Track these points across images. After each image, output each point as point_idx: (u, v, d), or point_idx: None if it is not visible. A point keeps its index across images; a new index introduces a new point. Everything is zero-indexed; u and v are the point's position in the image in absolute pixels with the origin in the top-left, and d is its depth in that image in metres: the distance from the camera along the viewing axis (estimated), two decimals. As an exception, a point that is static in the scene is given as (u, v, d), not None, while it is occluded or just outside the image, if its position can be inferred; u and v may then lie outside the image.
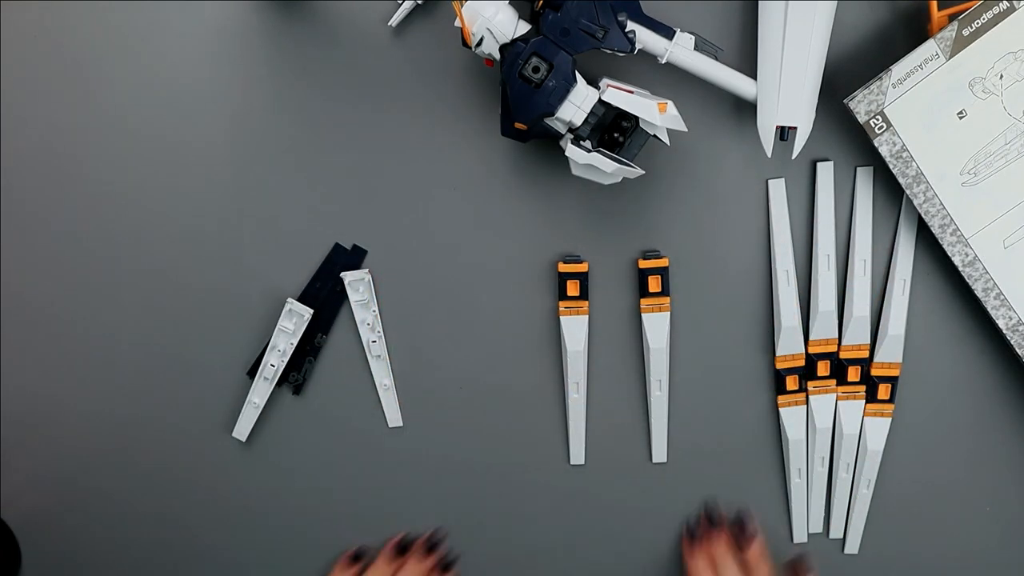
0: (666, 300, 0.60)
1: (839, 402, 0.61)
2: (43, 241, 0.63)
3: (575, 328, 0.61)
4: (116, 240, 0.62)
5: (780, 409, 0.62)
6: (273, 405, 0.63)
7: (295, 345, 0.61)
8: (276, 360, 0.61)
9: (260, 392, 0.62)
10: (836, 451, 0.62)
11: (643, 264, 0.60)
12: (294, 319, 0.61)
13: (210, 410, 0.64)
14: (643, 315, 0.61)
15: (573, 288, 0.60)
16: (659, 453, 0.63)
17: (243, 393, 0.63)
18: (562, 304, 0.61)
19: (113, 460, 0.65)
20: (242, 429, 0.63)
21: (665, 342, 0.61)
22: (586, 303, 0.60)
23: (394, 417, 0.63)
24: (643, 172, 0.54)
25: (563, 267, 0.60)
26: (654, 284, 0.60)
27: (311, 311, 0.60)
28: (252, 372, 0.63)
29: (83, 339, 0.64)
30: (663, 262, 0.60)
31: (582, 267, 0.60)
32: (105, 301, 0.63)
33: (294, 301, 0.61)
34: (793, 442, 0.62)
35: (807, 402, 0.61)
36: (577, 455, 0.63)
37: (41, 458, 0.66)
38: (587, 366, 0.62)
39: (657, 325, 0.61)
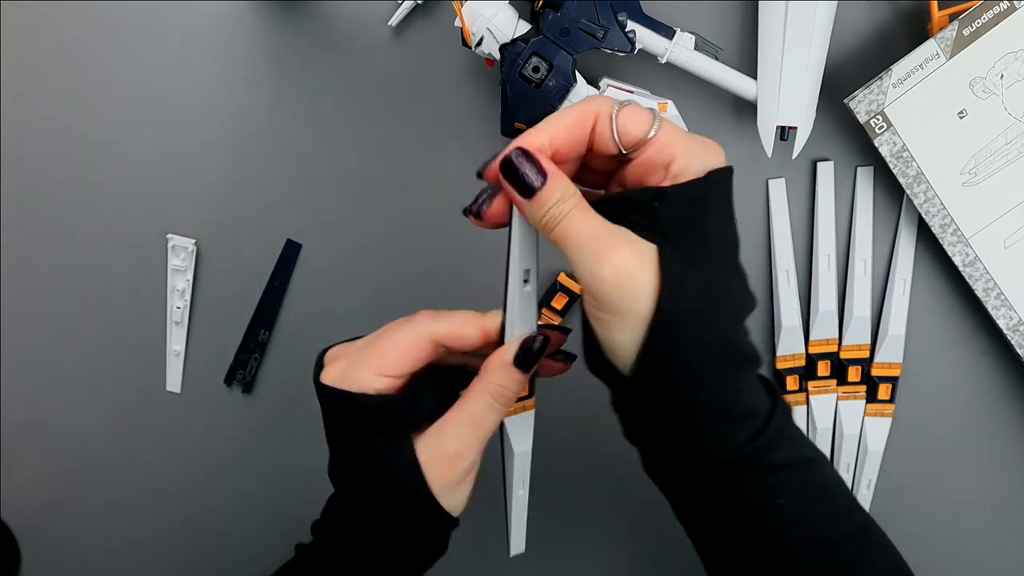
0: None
1: (839, 402, 0.61)
2: (43, 241, 0.63)
3: None
4: (115, 239, 0.62)
5: (780, 409, 0.61)
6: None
7: (191, 281, 0.61)
8: (180, 302, 0.61)
9: (177, 339, 0.62)
10: (836, 451, 0.62)
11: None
12: (181, 255, 0.61)
13: (206, 412, 0.64)
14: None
15: (559, 301, 0.60)
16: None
17: (231, 400, 0.64)
18: (544, 311, 0.61)
19: (112, 461, 0.65)
20: (173, 381, 0.63)
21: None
22: (560, 320, 0.61)
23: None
24: (643, 172, 0.54)
25: (563, 279, 0.60)
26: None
27: (194, 241, 0.60)
28: (228, 379, 0.63)
29: (83, 340, 0.64)
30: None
31: (578, 288, 0.59)
32: (105, 302, 0.63)
33: (174, 235, 0.61)
34: (793, 442, 0.62)
35: (807, 402, 0.61)
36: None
37: (41, 458, 0.66)
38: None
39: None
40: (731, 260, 0.38)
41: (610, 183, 0.41)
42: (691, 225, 0.37)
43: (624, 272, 0.35)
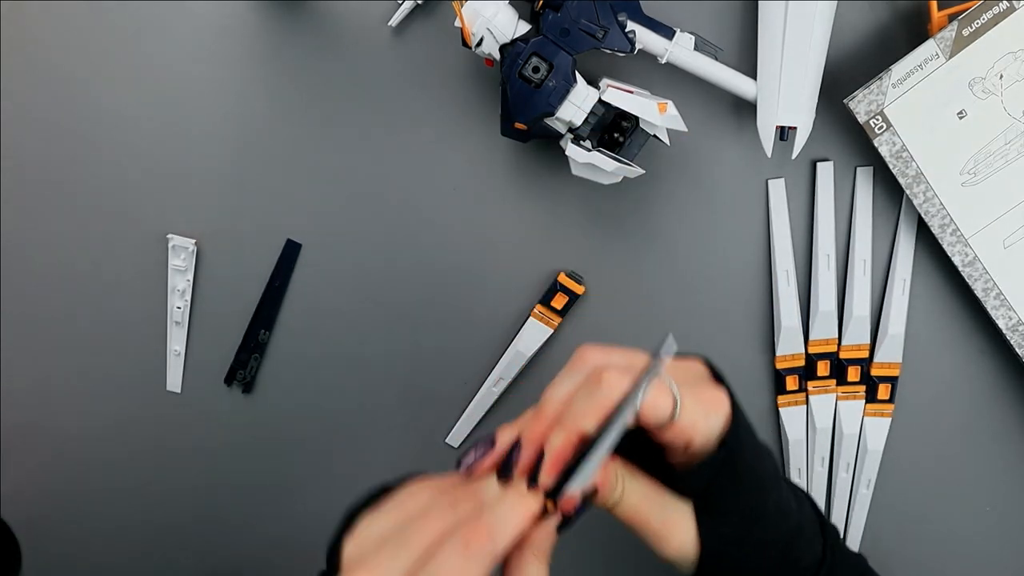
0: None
1: (839, 402, 0.61)
2: (43, 241, 0.63)
3: (535, 335, 0.61)
4: (115, 239, 0.62)
5: (780, 409, 0.62)
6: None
7: (191, 281, 0.61)
8: (180, 302, 0.61)
9: (177, 339, 0.62)
10: (836, 451, 0.62)
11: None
12: (181, 255, 0.61)
13: (206, 412, 0.64)
14: (643, 315, 0.60)
15: (559, 302, 0.60)
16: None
17: (231, 400, 0.64)
18: (539, 307, 0.61)
19: (113, 461, 0.65)
20: (173, 381, 0.63)
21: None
22: (559, 320, 0.61)
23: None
24: (643, 172, 0.54)
25: (563, 279, 0.60)
26: (654, 284, 0.60)
27: (194, 241, 0.60)
28: (228, 379, 0.63)
29: (83, 340, 0.64)
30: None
31: (578, 289, 0.60)
32: (105, 302, 0.63)
33: (174, 236, 0.61)
34: (793, 442, 0.62)
35: (807, 402, 0.61)
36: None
37: (41, 458, 0.66)
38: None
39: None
40: (759, 488, 0.45)
41: None
42: (716, 485, 0.43)
43: (679, 550, 0.44)
